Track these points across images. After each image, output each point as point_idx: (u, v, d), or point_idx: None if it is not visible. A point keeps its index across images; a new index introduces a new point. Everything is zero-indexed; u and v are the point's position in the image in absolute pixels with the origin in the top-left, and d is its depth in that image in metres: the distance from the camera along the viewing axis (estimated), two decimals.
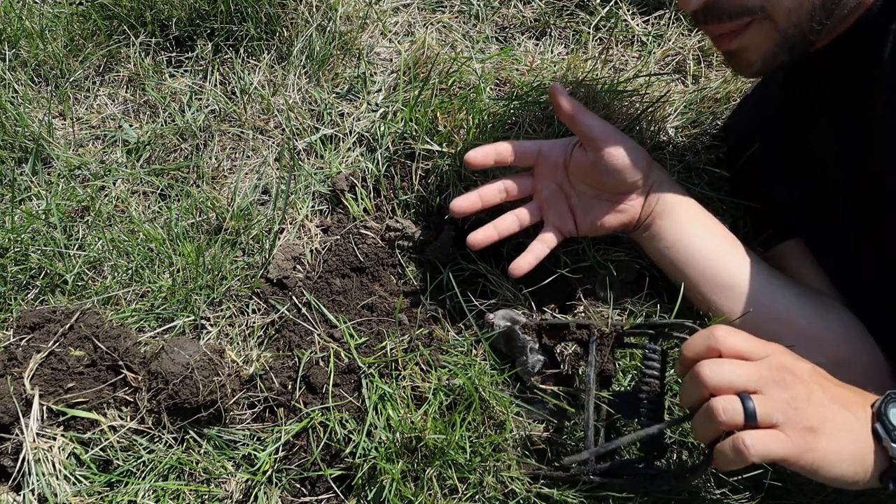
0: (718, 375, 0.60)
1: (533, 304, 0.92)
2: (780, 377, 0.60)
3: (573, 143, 0.85)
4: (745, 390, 0.59)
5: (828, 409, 0.59)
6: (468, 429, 0.78)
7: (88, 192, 1.04)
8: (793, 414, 0.58)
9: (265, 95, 1.13)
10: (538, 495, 0.76)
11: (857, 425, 0.59)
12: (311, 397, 0.84)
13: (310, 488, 0.82)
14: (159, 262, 0.95)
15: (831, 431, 0.58)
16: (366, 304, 0.93)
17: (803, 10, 0.71)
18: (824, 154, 0.84)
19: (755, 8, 0.73)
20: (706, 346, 0.63)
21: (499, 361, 0.85)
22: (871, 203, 0.78)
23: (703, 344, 0.63)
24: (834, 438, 0.58)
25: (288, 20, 1.19)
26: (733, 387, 0.59)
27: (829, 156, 0.83)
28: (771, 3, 0.72)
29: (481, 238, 0.86)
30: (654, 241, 0.86)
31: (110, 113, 1.15)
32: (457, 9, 1.31)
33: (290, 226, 1.00)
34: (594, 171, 0.83)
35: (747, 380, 0.59)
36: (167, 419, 0.80)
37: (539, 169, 0.88)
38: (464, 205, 0.86)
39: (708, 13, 0.75)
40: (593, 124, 0.80)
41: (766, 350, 0.62)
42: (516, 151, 0.86)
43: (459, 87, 1.11)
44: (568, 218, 0.88)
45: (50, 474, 0.76)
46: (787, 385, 0.59)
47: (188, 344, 0.82)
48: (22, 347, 0.82)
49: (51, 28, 1.21)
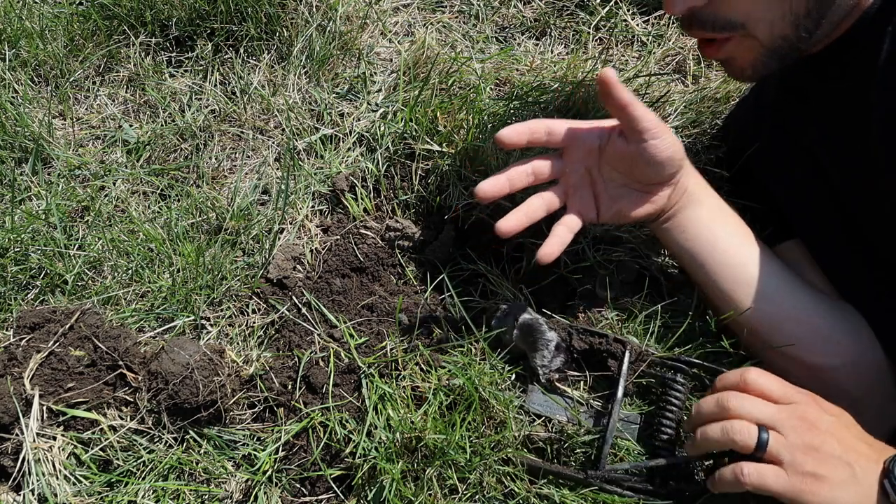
0: (742, 407, 0.66)
1: (533, 303, 0.92)
2: (799, 424, 0.65)
3: (612, 130, 0.81)
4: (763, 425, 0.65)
5: (836, 460, 0.63)
6: (468, 429, 0.78)
7: (88, 192, 1.04)
8: (800, 457, 0.63)
9: (265, 95, 1.13)
10: (538, 495, 0.76)
11: (863, 480, 0.62)
12: (311, 397, 0.84)
13: (310, 488, 0.82)
14: (159, 262, 0.95)
15: (834, 482, 0.62)
16: (366, 304, 0.93)
17: (786, 22, 0.72)
18: (821, 155, 0.84)
19: (736, 24, 0.74)
20: (737, 382, 0.69)
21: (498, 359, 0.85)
22: (867, 204, 0.79)
23: (735, 379, 0.69)
24: (836, 489, 0.61)
25: (288, 20, 1.19)
26: (753, 418, 0.66)
27: (826, 157, 0.83)
28: (750, 21, 0.73)
29: (513, 224, 0.80)
30: (676, 233, 0.84)
31: (110, 113, 1.15)
32: (457, 9, 1.31)
33: (290, 226, 1.00)
34: (633, 161, 0.79)
35: (768, 418, 0.65)
36: (167, 419, 0.80)
37: (571, 152, 0.82)
38: (491, 189, 0.80)
39: (693, 19, 0.76)
40: (644, 116, 0.76)
41: (794, 397, 0.67)
42: (549, 132, 0.80)
43: (459, 87, 1.11)
44: (591, 205, 0.84)
45: (50, 474, 0.76)
46: (802, 431, 0.64)
47: (188, 344, 0.82)
48: (22, 347, 0.82)
49: (51, 28, 1.21)
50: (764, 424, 0.65)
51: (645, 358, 0.83)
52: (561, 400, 0.83)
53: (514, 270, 0.98)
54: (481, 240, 1.01)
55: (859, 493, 0.62)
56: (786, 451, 0.63)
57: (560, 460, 0.81)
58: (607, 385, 0.85)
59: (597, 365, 0.86)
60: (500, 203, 0.94)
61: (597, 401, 0.84)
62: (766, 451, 0.64)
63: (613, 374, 0.83)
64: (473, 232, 1.01)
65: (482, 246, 1.01)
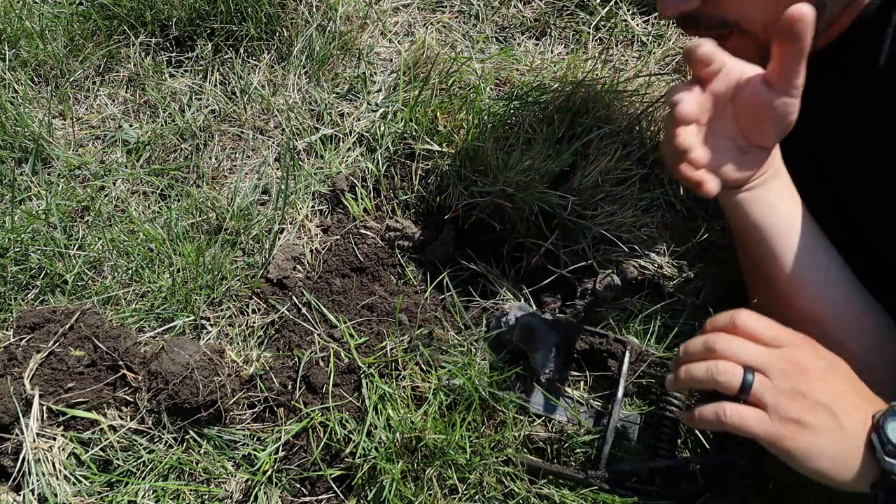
0: (730, 348, 0.63)
1: (533, 303, 0.92)
2: (788, 367, 0.62)
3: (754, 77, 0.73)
4: (750, 367, 0.62)
5: (822, 408, 0.61)
6: (468, 429, 0.78)
7: (88, 192, 1.04)
8: (785, 402, 0.61)
9: (265, 95, 1.13)
10: (538, 495, 0.77)
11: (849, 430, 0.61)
12: (311, 397, 0.84)
13: (310, 488, 0.82)
14: (159, 262, 0.95)
15: (816, 429, 0.60)
16: (366, 304, 0.93)
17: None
18: (821, 155, 0.84)
19: (731, 22, 0.74)
20: (726, 323, 0.66)
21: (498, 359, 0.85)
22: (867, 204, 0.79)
23: (725, 321, 0.66)
24: (818, 436, 0.60)
25: (288, 20, 1.19)
26: (740, 360, 0.63)
27: (826, 157, 0.83)
28: (745, 20, 0.73)
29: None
30: (755, 205, 0.79)
31: (110, 113, 1.15)
32: (457, 9, 1.31)
33: (290, 226, 1.00)
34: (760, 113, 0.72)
35: (755, 359, 0.63)
36: (167, 419, 0.80)
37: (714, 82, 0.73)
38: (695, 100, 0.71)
39: (688, 20, 0.76)
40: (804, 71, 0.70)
41: (785, 340, 0.64)
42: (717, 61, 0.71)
43: (459, 87, 1.11)
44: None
45: (50, 474, 0.76)
46: (790, 376, 0.62)
47: (188, 344, 0.82)
48: (22, 347, 0.82)
49: (51, 28, 1.21)
50: (751, 366, 0.63)
51: (645, 358, 0.84)
52: (561, 400, 0.83)
53: (514, 270, 0.98)
54: (481, 240, 1.01)
55: (843, 442, 0.60)
56: (770, 395, 0.61)
57: (560, 460, 0.81)
58: (607, 385, 0.85)
59: (597, 365, 0.86)
60: (499, 203, 0.95)
61: (597, 401, 0.84)
62: (750, 393, 0.61)
63: (613, 374, 0.83)
64: (473, 232, 1.01)
65: (482, 246, 1.01)
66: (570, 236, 0.96)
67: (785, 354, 0.63)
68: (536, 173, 0.94)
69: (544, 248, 0.95)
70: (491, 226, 0.97)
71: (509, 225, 0.97)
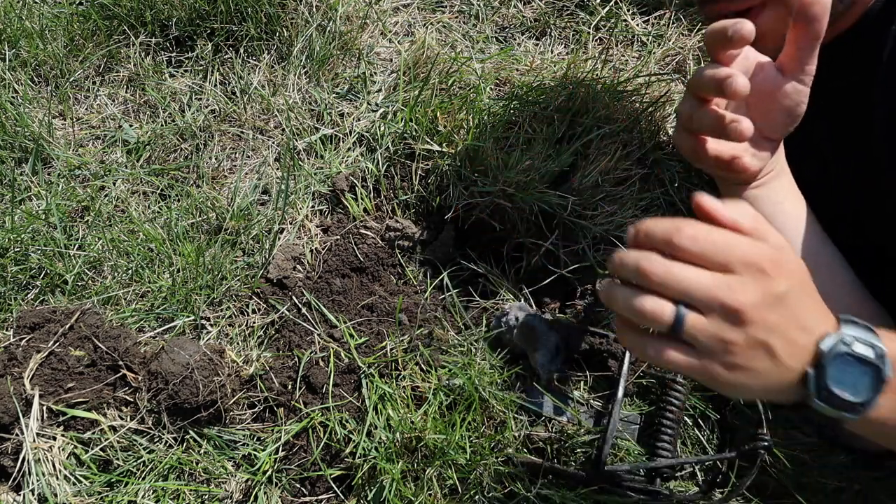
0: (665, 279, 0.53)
1: (533, 303, 0.92)
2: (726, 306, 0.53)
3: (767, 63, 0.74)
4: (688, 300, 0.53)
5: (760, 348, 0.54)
6: (468, 429, 0.78)
7: (88, 192, 1.04)
8: (718, 346, 0.53)
9: (265, 95, 1.13)
10: (538, 495, 0.76)
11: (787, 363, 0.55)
12: (311, 397, 0.84)
13: (310, 488, 0.82)
14: (159, 262, 0.95)
15: (750, 371, 0.54)
16: (366, 304, 0.93)
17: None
18: (827, 152, 0.84)
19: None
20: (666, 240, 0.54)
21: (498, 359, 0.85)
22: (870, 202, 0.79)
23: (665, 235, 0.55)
24: (750, 377, 0.55)
25: (288, 20, 1.19)
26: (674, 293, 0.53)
27: (831, 154, 0.83)
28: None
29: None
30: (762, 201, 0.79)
31: (110, 113, 1.15)
32: (457, 9, 1.31)
33: (290, 226, 1.00)
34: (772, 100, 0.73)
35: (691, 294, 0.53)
36: (167, 419, 0.80)
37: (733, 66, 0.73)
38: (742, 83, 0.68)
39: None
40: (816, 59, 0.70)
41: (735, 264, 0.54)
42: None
43: (459, 87, 1.11)
44: None
45: (50, 474, 0.76)
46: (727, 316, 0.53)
47: (188, 344, 0.82)
48: (22, 347, 0.82)
49: (51, 28, 1.21)
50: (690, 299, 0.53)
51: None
52: (561, 400, 0.83)
53: (514, 270, 0.98)
54: (481, 240, 1.01)
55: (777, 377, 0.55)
56: (703, 337, 0.53)
57: (560, 460, 0.81)
58: (607, 385, 0.85)
59: (597, 365, 0.86)
60: (499, 203, 0.95)
61: (597, 401, 0.84)
62: (680, 333, 0.53)
63: (613, 374, 0.83)
64: (473, 232, 1.01)
65: (482, 246, 1.01)
66: (570, 236, 0.96)
67: (727, 290, 0.53)
68: (536, 173, 0.94)
69: (544, 248, 0.95)
70: (491, 226, 0.97)
71: (509, 225, 0.97)
